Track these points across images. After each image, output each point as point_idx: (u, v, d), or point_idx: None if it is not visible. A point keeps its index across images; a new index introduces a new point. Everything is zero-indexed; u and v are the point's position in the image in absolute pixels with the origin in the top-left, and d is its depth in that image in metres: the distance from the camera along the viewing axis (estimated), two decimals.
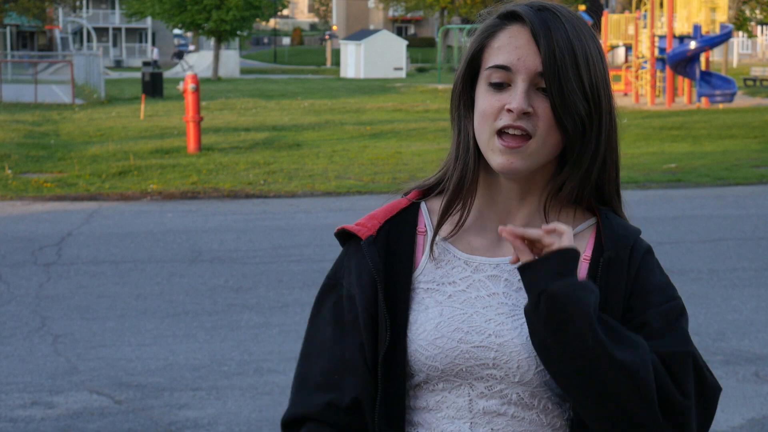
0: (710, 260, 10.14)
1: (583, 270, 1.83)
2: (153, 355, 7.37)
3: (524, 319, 1.77)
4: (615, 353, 1.70)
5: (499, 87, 1.80)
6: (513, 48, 1.79)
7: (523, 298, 1.79)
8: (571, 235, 1.73)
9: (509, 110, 1.77)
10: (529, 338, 1.76)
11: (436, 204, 1.91)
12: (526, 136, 1.78)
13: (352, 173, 16.91)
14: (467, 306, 1.82)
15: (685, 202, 14.15)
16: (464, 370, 1.80)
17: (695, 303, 8.55)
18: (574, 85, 1.77)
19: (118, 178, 16.27)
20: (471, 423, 1.82)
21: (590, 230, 1.87)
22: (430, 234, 1.88)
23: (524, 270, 1.73)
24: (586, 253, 1.84)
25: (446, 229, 1.88)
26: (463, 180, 1.85)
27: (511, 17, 1.82)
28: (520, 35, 1.80)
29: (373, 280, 1.85)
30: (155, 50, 76.55)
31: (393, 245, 1.88)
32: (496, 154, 1.79)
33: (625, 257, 1.81)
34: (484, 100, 1.81)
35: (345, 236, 1.92)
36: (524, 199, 1.86)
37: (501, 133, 1.79)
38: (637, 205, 13.48)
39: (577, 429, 1.81)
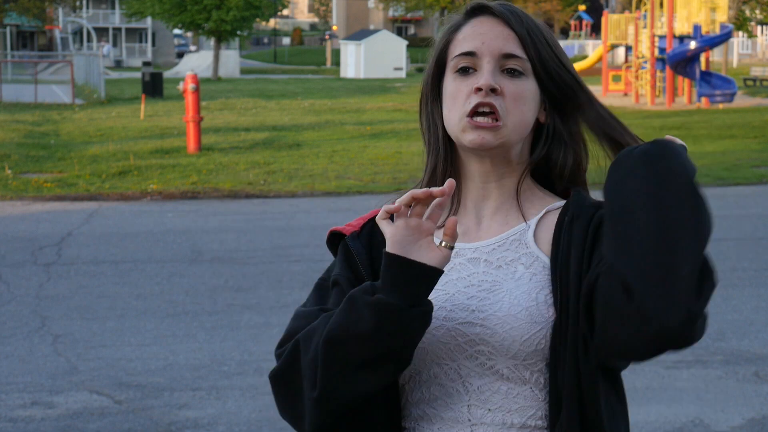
0: None
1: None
2: (153, 355, 7.37)
3: (505, 293, 1.81)
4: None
5: (465, 72, 1.86)
6: (477, 34, 1.87)
7: (502, 275, 1.83)
8: None
9: (478, 89, 1.82)
10: (511, 309, 1.78)
11: None
12: (495, 116, 1.82)
13: (352, 173, 16.91)
14: (449, 287, 1.85)
15: None
16: (452, 348, 1.82)
17: None
18: (552, 59, 1.86)
19: (118, 178, 16.28)
20: (468, 406, 1.83)
21: (560, 209, 1.90)
22: None
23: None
24: (555, 229, 1.85)
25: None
26: (436, 169, 1.91)
27: (475, 11, 1.90)
28: (483, 23, 1.88)
29: (358, 269, 1.90)
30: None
31: (379, 237, 1.90)
32: (467, 132, 1.84)
33: (589, 215, 1.83)
34: (453, 86, 1.87)
35: (333, 240, 1.99)
36: (499, 181, 1.90)
37: (470, 116, 1.83)
38: None
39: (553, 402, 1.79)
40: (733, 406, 6.31)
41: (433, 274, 1.72)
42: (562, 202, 1.91)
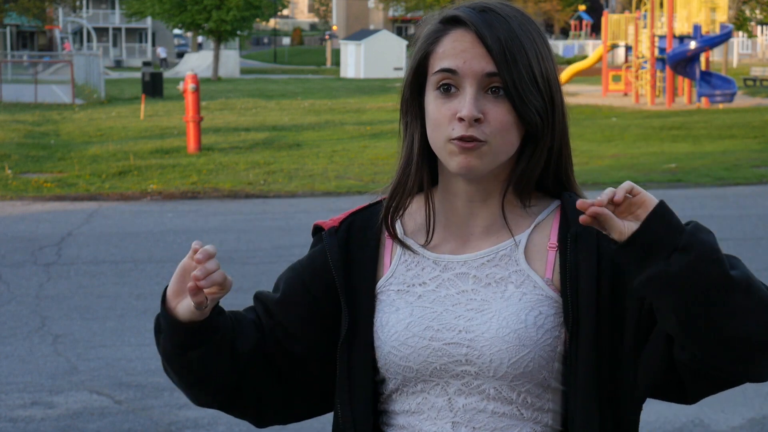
0: None
1: (551, 257, 1.82)
2: (153, 355, 7.36)
3: (494, 313, 1.79)
4: (746, 282, 1.65)
5: (447, 91, 1.79)
6: (458, 52, 1.78)
7: (491, 293, 1.81)
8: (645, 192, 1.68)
9: (460, 119, 1.76)
10: (499, 332, 1.77)
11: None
12: (480, 142, 1.77)
13: (352, 173, 16.91)
14: (437, 305, 1.82)
15: (685, 202, 14.13)
16: (438, 368, 1.81)
17: None
18: (527, 81, 1.77)
19: (118, 178, 16.28)
20: (452, 423, 1.82)
21: (553, 214, 1.86)
22: (400, 234, 1.91)
23: (635, 239, 1.65)
24: (551, 240, 1.83)
25: (420, 237, 1.89)
26: (399, 186, 1.89)
27: (453, 21, 1.81)
28: (463, 39, 1.79)
29: (326, 263, 1.91)
30: (161, 49, 76.32)
31: (356, 237, 1.91)
32: (453, 157, 1.78)
33: (593, 235, 1.79)
34: (435, 108, 1.80)
35: (316, 233, 2.00)
36: (485, 201, 1.85)
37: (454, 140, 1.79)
38: None
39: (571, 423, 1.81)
40: (733, 406, 6.31)
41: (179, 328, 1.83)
42: (550, 210, 1.87)
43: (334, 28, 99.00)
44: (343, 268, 1.88)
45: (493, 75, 1.76)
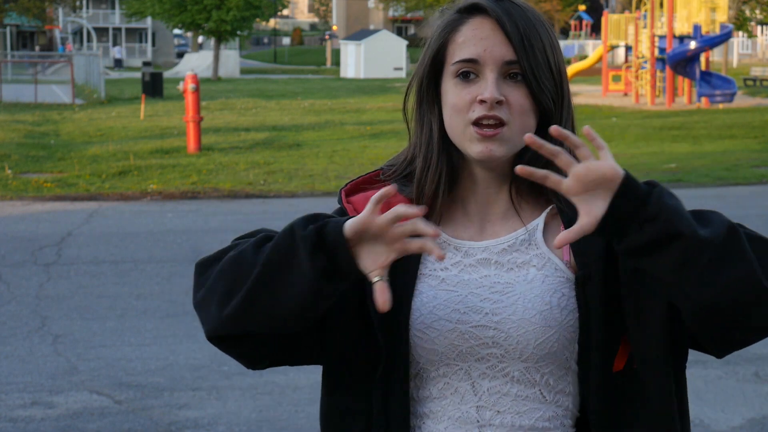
0: None
1: (565, 251, 1.84)
2: (153, 355, 7.37)
3: (518, 296, 1.80)
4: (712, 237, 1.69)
5: (467, 78, 1.81)
6: (478, 40, 1.82)
7: (514, 277, 1.82)
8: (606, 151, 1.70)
9: (482, 101, 1.79)
10: (525, 313, 1.78)
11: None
12: (500, 124, 1.79)
13: (352, 173, 16.90)
14: (461, 287, 1.83)
15: (685, 202, 13.96)
16: (464, 351, 1.81)
17: None
18: (543, 68, 1.81)
19: (118, 178, 16.28)
20: (477, 407, 1.83)
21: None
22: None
23: (606, 221, 1.67)
24: (563, 224, 1.84)
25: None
26: (424, 176, 1.87)
27: (471, 10, 1.84)
28: (483, 26, 1.82)
29: None
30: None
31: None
32: (474, 144, 1.80)
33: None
34: (454, 94, 1.82)
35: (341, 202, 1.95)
36: (501, 188, 1.88)
37: (475, 123, 1.80)
38: None
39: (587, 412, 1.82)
40: (733, 406, 6.31)
41: (351, 272, 1.70)
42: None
43: (334, 28, 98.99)
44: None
45: (513, 63, 1.80)
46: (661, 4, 32.52)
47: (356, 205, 1.92)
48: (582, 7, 76.70)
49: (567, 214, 1.82)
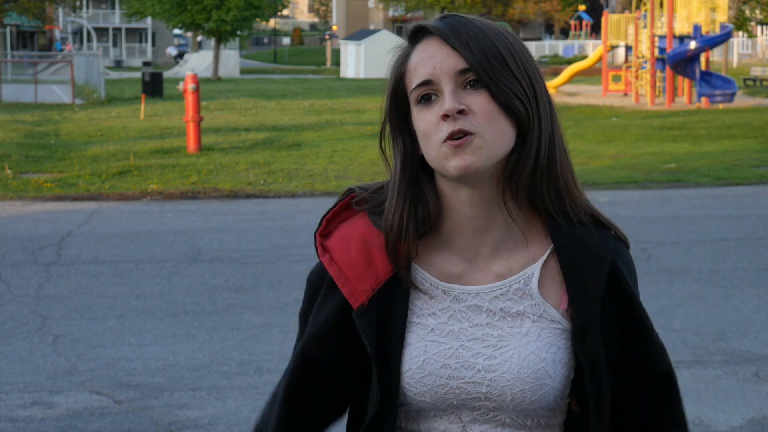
0: (710, 260, 10.13)
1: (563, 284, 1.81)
2: (153, 355, 7.37)
3: (513, 351, 1.76)
4: None
5: (429, 101, 1.77)
6: (427, 60, 1.78)
7: (507, 329, 1.78)
8: None
9: (444, 116, 1.73)
10: (520, 372, 1.75)
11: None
12: (469, 134, 1.73)
13: (352, 173, 16.91)
14: (451, 339, 1.78)
15: (685, 202, 14.14)
16: (455, 404, 1.79)
17: (695, 303, 8.55)
18: (498, 68, 1.74)
19: (118, 178, 16.28)
20: None
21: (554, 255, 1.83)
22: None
23: None
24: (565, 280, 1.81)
25: (425, 264, 1.84)
26: (390, 214, 1.80)
27: (417, 35, 1.82)
28: (429, 47, 1.79)
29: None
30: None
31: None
32: (449, 160, 1.73)
33: (600, 262, 1.80)
34: (420, 119, 1.78)
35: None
36: (490, 216, 1.79)
37: (446, 142, 1.74)
38: (637, 205, 13.48)
39: None
40: (733, 406, 6.31)
41: None
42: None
43: (334, 28, 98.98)
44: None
45: (467, 71, 1.75)
46: (661, 4, 32.51)
47: (333, 253, 1.85)
48: (582, 7, 76.69)
49: (565, 254, 1.78)
